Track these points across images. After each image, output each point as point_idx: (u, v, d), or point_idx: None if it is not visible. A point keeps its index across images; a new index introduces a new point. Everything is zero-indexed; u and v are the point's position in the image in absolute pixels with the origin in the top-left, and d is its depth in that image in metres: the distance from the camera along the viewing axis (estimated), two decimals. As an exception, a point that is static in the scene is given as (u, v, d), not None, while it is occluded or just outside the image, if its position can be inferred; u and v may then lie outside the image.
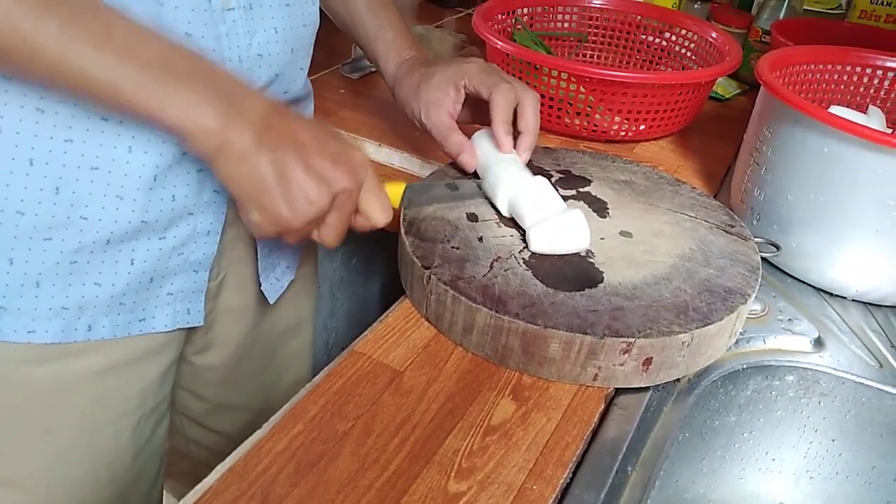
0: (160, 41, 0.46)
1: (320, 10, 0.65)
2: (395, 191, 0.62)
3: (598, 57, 1.11)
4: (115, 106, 0.46)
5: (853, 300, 0.70)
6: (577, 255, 0.61)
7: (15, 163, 0.49)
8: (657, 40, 1.06)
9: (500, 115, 0.66)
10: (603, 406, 0.54)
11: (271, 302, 0.71)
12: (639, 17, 1.07)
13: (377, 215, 0.56)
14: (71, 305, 0.55)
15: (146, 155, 0.52)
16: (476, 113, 0.72)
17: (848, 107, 0.77)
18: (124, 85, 0.44)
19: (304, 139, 0.50)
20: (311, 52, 0.65)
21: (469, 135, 0.71)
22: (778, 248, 0.70)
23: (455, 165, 0.72)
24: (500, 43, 0.88)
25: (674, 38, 1.05)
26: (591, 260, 0.61)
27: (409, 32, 0.77)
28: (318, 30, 0.64)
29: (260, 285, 0.69)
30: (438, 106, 0.69)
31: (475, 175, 0.71)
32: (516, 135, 0.69)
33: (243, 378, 0.78)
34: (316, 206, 0.50)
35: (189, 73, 0.46)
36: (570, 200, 0.69)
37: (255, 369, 0.79)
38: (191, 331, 0.68)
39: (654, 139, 0.96)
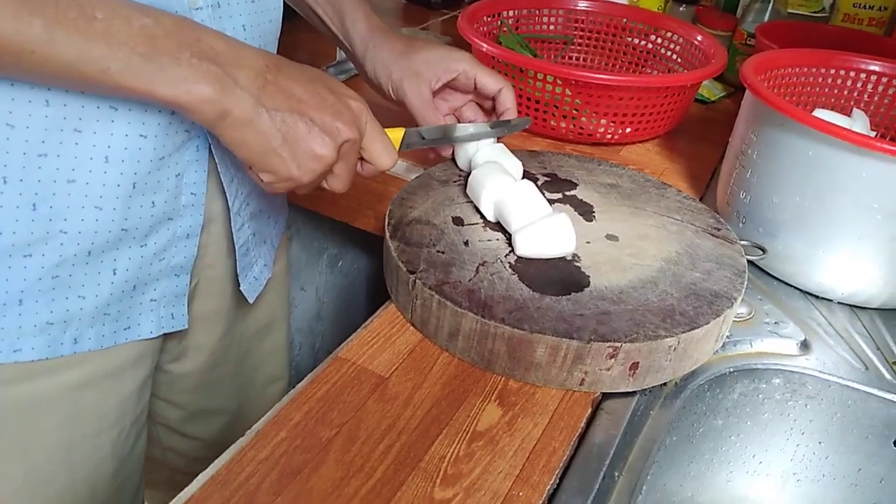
0: (141, 13, 0.44)
1: (288, 9, 0.64)
2: (395, 135, 0.64)
3: (584, 60, 1.11)
4: (106, 89, 0.45)
5: (839, 303, 0.70)
6: (563, 259, 0.61)
7: None
8: (643, 43, 1.06)
9: (514, 110, 0.73)
10: (590, 411, 0.54)
11: (251, 301, 0.70)
12: (624, 20, 1.07)
13: (382, 159, 0.57)
14: (56, 320, 0.54)
15: (124, 164, 0.51)
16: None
17: (832, 110, 0.77)
18: (112, 68, 0.43)
19: (301, 95, 0.50)
20: (277, 47, 0.64)
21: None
22: (764, 251, 0.70)
23: (439, 164, 0.72)
24: (485, 45, 0.88)
25: (659, 40, 1.05)
26: (578, 264, 0.60)
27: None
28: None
29: (238, 285, 0.68)
30: (421, 80, 0.71)
31: (459, 167, 0.70)
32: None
33: (218, 382, 0.78)
34: (323, 160, 0.51)
35: (177, 44, 0.45)
36: (556, 204, 0.69)
37: (229, 372, 0.78)
38: (166, 339, 0.67)
39: (640, 142, 0.96)
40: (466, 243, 0.61)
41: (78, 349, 0.56)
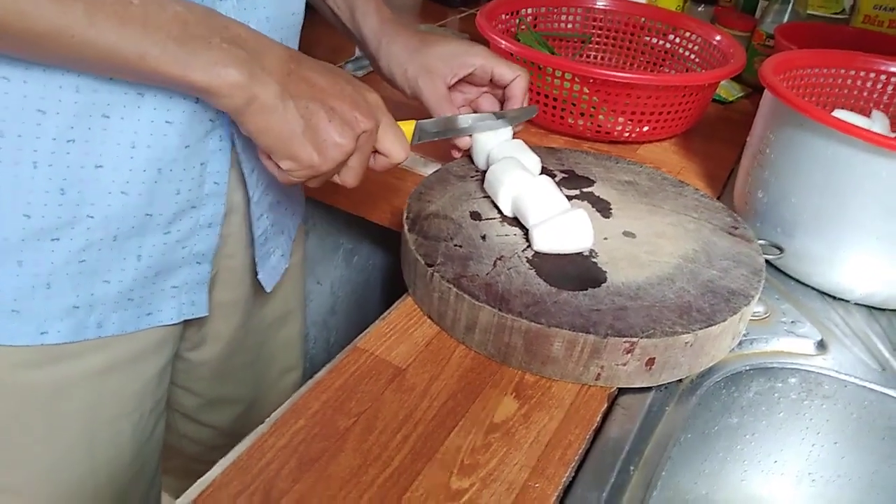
0: (172, 0, 0.46)
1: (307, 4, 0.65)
2: (407, 129, 0.64)
3: (602, 58, 1.11)
4: (139, 75, 0.46)
5: (856, 303, 0.70)
6: (580, 254, 0.61)
7: (19, 167, 0.49)
8: (661, 42, 1.06)
9: (521, 99, 0.73)
10: (605, 405, 0.54)
11: (268, 290, 0.71)
12: (643, 19, 1.07)
13: (396, 151, 0.57)
14: (81, 304, 0.55)
15: (149, 150, 0.52)
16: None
17: (851, 111, 0.77)
18: (150, 52, 0.44)
19: (322, 84, 0.51)
20: (298, 41, 0.65)
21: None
22: (781, 250, 0.70)
23: (456, 160, 0.72)
24: (504, 43, 0.88)
25: (678, 40, 1.05)
26: (595, 260, 0.61)
27: None
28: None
29: (256, 275, 0.69)
30: (436, 76, 0.71)
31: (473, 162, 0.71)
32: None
33: (235, 371, 0.78)
34: (343, 148, 0.52)
35: (208, 30, 0.46)
36: (574, 200, 0.69)
37: (246, 361, 0.79)
38: (185, 327, 0.68)
39: (658, 141, 0.96)
40: (484, 238, 0.62)
41: (102, 333, 0.57)
